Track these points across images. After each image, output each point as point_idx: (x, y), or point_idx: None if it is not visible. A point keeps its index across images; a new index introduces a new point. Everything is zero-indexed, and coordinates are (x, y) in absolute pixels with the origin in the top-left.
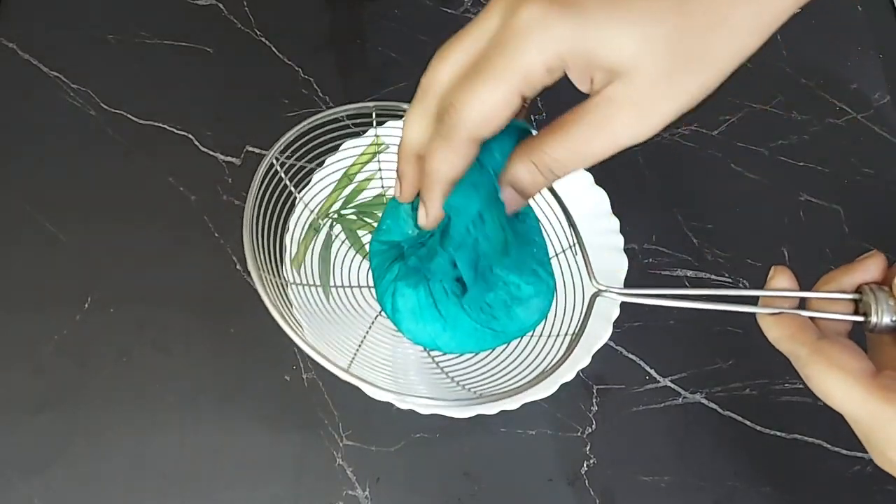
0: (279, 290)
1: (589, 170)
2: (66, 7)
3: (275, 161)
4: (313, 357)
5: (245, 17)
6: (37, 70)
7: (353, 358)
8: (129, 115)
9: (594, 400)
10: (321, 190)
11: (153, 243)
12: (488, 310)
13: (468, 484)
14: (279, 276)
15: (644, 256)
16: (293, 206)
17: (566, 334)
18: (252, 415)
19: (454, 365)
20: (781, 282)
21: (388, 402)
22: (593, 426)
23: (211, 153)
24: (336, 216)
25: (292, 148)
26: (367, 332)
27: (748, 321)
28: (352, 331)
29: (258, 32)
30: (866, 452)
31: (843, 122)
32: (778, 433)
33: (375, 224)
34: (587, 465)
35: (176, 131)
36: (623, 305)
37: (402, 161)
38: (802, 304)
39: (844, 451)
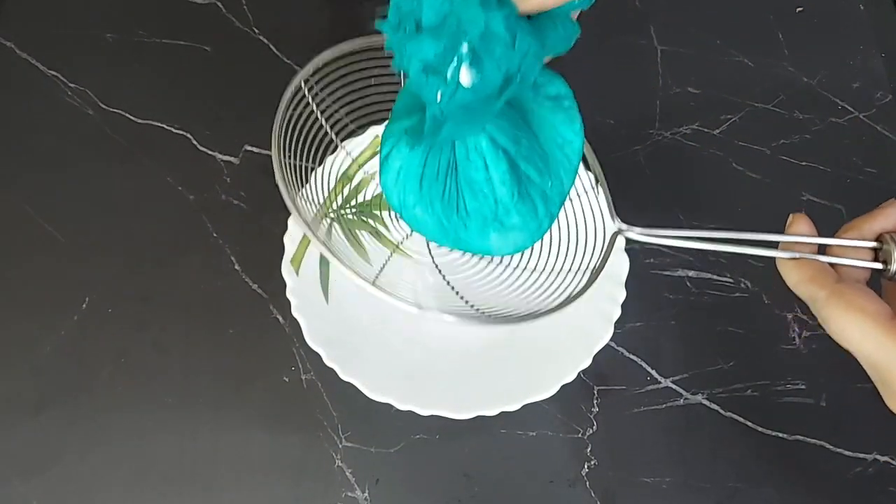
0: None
1: (589, 169)
2: (65, 6)
3: (303, 84)
4: (340, 269)
5: (244, 17)
6: (35, 69)
7: (375, 280)
8: (127, 115)
9: (595, 401)
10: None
11: (152, 243)
12: (464, 217)
13: (468, 485)
14: (301, 187)
15: (645, 256)
16: (319, 129)
17: (586, 269)
18: (251, 415)
19: (475, 295)
20: (801, 228)
21: (388, 403)
22: (594, 427)
23: (210, 153)
24: (336, 216)
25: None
26: (388, 260)
27: (748, 322)
28: (372, 257)
29: (257, 32)
30: (869, 453)
31: (845, 122)
32: (780, 434)
33: (375, 224)
34: (588, 467)
35: (174, 131)
36: (624, 306)
37: None
38: (822, 252)
39: (847, 453)
